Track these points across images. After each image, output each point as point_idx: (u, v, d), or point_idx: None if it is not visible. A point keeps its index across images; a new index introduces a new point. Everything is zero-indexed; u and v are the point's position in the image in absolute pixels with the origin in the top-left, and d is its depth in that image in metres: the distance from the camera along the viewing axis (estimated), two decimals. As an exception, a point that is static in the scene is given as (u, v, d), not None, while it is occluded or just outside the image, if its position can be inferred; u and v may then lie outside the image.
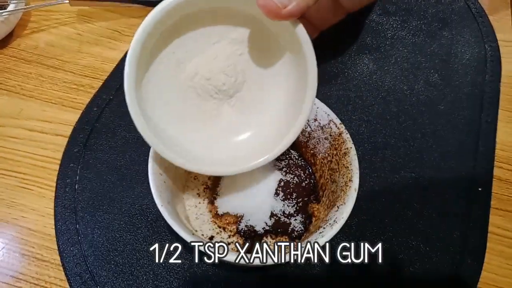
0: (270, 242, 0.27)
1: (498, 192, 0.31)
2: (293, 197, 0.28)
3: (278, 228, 0.27)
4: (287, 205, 0.27)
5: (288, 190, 0.28)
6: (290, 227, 0.27)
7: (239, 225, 0.27)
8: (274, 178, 0.28)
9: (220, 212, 0.27)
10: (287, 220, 0.27)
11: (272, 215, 0.27)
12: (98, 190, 0.29)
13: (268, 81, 0.24)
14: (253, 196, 0.28)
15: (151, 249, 0.27)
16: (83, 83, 0.36)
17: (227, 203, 0.28)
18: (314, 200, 0.28)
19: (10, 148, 0.32)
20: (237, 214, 0.27)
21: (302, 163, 0.30)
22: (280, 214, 0.27)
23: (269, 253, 0.20)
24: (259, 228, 0.27)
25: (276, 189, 0.28)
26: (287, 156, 0.30)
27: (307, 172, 0.29)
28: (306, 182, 0.29)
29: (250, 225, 0.27)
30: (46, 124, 0.34)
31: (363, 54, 0.38)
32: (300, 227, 0.27)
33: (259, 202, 0.27)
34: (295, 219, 0.27)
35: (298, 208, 0.27)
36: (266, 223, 0.27)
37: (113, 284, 0.26)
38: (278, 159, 0.30)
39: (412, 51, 0.39)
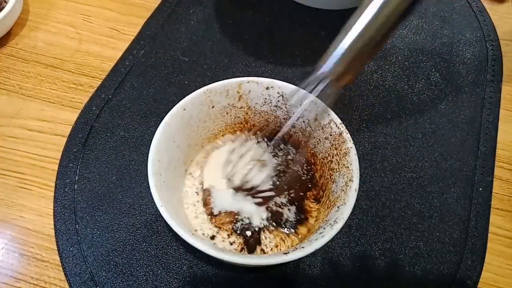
0: (268, 237, 0.26)
1: (499, 192, 0.31)
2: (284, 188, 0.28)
3: (273, 217, 0.27)
4: (279, 196, 0.27)
5: (279, 181, 0.28)
6: (284, 217, 0.27)
7: (235, 224, 0.27)
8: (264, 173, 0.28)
9: (215, 211, 0.27)
10: (280, 209, 0.27)
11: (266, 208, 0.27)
12: (98, 190, 0.29)
13: None
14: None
15: (150, 249, 0.27)
16: (82, 82, 0.36)
17: (221, 203, 0.28)
18: (307, 192, 0.28)
19: (9, 148, 0.32)
20: (231, 212, 0.27)
21: (296, 156, 0.30)
22: (272, 204, 0.27)
23: (269, 254, 0.20)
24: (256, 223, 0.27)
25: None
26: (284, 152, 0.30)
27: (298, 162, 0.29)
28: (299, 173, 0.29)
29: (246, 223, 0.27)
30: (45, 124, 0.33)
31: (363, 53, 0.38)
32: (293, 217, 0.27)
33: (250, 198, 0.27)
34: (289, 209, 0.27)
35: (290, 198, 0.28)
36: (261, 217, 0.27)
37: (112, 284, 0.26)
38: (275, 155, 0.30)
39: (413, 50, 0.39)
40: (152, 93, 0.35)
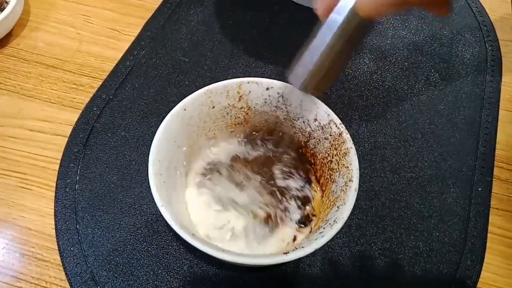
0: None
1: (498, 192, 0.31)
2: (293, 173, 0.28)
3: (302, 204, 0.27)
4: (293, 181, 0.28)
5: (285, 169, 0.28)
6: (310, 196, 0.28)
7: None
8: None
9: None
10: (302, 192, 0.28)
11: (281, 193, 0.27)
12: (98, 190, 0.29)
13: None
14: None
15: (151, 249, 0.27)
16: (83, 83, 0.36)
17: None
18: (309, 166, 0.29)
19: (10, 148, 0.32)
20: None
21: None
22: (291, 190, 0.28)
23: (269, 254, 0.20)
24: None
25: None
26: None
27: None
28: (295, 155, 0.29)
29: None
30: (46, 124, 0.34)
31: (363, 54, 0.38)
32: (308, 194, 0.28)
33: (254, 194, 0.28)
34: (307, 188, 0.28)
35: (305, 180, 0.28)
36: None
37: (113, 284, 0.26)
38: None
39: (413, 51, 0.39)
40: (153, 93, 0.35)
